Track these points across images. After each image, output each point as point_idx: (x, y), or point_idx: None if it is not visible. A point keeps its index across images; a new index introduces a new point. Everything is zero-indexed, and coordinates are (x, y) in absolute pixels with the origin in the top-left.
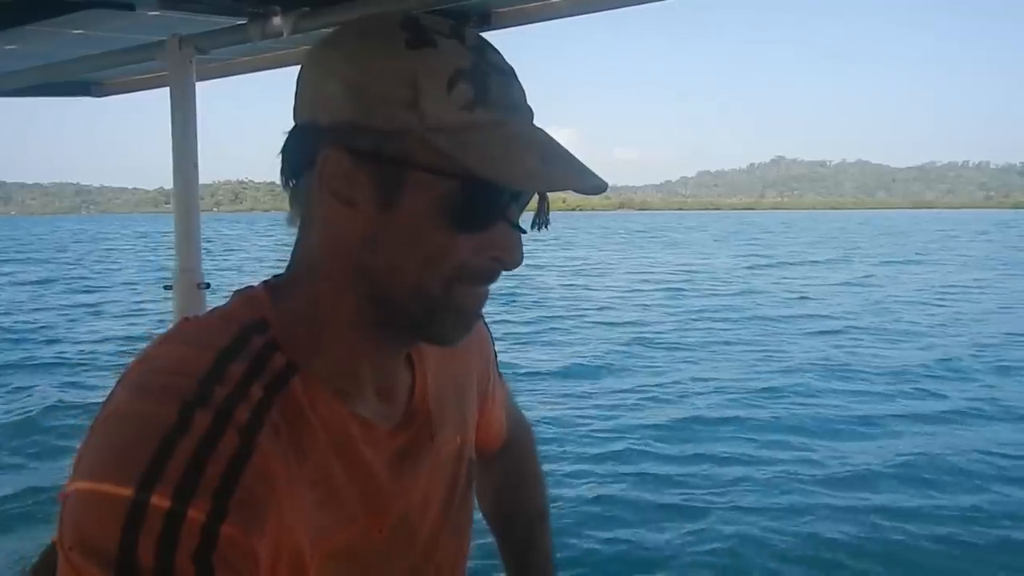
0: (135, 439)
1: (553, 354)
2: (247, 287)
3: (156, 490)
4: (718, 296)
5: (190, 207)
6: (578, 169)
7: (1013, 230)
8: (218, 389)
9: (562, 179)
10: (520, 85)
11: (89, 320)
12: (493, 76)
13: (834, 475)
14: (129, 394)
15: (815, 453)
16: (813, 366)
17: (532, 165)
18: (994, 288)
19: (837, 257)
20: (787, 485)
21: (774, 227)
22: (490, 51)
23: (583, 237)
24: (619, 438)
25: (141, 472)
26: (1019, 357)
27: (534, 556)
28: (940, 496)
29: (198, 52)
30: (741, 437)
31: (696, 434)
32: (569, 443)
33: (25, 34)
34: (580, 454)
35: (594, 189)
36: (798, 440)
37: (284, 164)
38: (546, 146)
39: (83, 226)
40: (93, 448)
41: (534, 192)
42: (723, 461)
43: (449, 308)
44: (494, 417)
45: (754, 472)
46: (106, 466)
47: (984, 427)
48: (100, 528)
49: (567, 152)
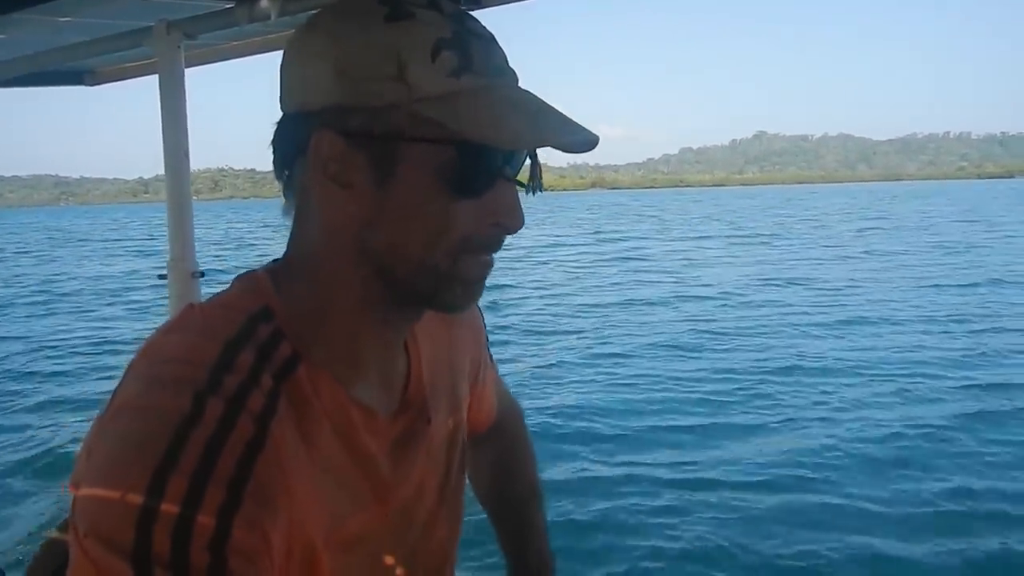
0: (149, 431)
1: None
2: (248, 272)
3: (171, 481)
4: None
5: (182, 195)
6: (568, 126)
7: (928, 200)
8: (230, 378)
9: (552, 136)
10: (501, 50)
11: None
12: (474, 42)
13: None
14: (139, 386)
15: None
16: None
17: (522, 125)
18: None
19: (653, 232)
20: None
21: (694, 204)
22: (468, 19)
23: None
24: None
25: (156, 464)
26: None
27: (530, 534)
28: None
29: (186, 37)
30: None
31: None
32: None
33: (12, 22)
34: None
35: (585, 144)
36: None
37: (276, 154)
38: (535, 106)
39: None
40: (107, 440)
41: (526, 151)
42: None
43: (455, 279)
44: (485, 399)
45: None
46: (121, 457)
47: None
48: (116, 519)
49: (556, 110)
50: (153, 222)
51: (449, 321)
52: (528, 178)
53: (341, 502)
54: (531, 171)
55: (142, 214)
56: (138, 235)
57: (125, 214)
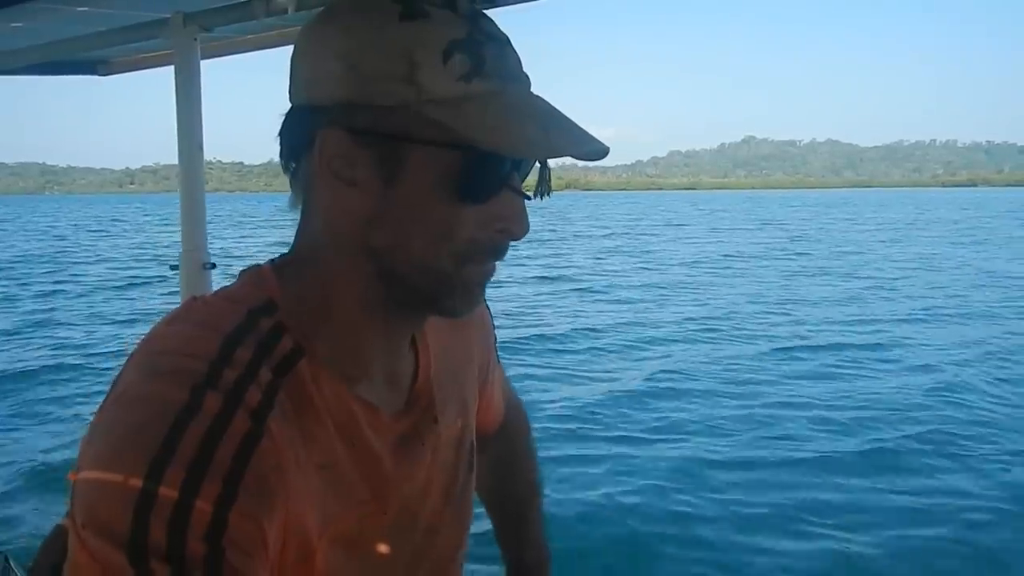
0: (146, 421)
1: None
2: (254, 266)
3: (167, 472)
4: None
5: (195, 187)
6: (578, 135)
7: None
8: (228, 371)
9: (563, 145)
10: (516, 53)
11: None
12: (488, 45)
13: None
14: (139, 375)
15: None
16: None
17: (532, 133)
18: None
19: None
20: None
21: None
22: (484, 20)
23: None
24: None
25: (153, 454)
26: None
27: (528, 533)
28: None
29: (202, 30)
30: None
31: None
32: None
33: (30, 11)
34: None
35: (595, 154)
36: None
37: (283, 147)
38: (546, 113)
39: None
40: (104, 429)
41: (535, 160)
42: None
43: (457, 284)
44: (493, 400)
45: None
46: (118, 447)
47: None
48: (112, 509)
49: (567, 118)
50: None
51: (458, 320)
52: (536, 183)
53: (339, 497)
54: (540, 176)
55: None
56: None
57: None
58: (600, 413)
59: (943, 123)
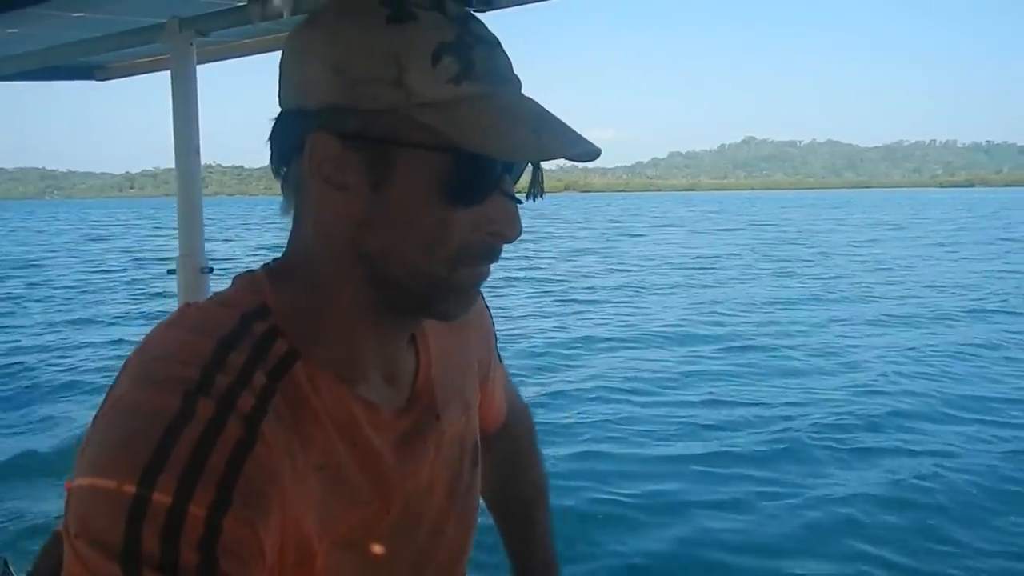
0: (138, 429)
1: None
2: (248, 271)
3: (159, 481)
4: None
5: (192, 191)
6: (570, 137)
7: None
8: (220, 377)
9: (554, 147)
10: (506, 56)
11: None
12: (478, 48)
13: None
14: (131, 384)
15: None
16: None
17: (523, 135)
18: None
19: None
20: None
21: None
22: (473, 22)
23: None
24: None
25: (144, 463)
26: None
27: (534, 535)
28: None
29: (198, 34)
30: None
31: None
32: None
33: (27, 17)
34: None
35: (587, 155)
36: None
37: (273, 152)
38: (537, 115)
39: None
40: (98, 438)
41: (527, 162)
42: None
43: (450, 287)
44: (494, 399)
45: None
46: (110, 457)
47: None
48: (105, 519)
49: (558, 120)
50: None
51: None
52: (529, 185)
53: (341, 498)
54: (532, 179)
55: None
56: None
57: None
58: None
59: (943, 123)
